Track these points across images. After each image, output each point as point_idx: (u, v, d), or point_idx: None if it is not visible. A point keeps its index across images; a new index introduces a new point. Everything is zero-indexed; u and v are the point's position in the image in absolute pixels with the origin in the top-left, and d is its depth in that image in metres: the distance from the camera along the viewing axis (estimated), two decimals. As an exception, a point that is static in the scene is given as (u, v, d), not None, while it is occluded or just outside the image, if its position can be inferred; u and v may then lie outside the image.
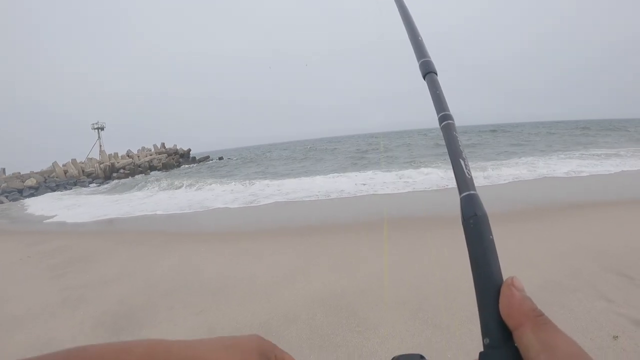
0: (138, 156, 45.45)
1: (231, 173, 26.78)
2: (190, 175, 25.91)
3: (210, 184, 18.00)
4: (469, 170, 0.44)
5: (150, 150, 49.58)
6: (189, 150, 54.16)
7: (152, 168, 41.74)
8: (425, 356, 0.46)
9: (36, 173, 33.73)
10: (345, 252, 5.56)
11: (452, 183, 0.59)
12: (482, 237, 0.38)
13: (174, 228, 9.25)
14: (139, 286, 5.05)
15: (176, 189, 18.59)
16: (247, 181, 17.77)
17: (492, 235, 0.38)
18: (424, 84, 0.55)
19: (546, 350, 0.30)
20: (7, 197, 24.65)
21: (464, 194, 0.42)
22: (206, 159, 52.37)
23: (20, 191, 26.82)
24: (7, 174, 32.73)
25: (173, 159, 47.23)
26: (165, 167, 43.01)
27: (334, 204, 10.46)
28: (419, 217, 7.49)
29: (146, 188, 20.82)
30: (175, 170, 38.75)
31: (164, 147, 51.13)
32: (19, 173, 33.11)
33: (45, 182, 30.90)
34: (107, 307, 4.48)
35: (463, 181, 0.43)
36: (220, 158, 51.99)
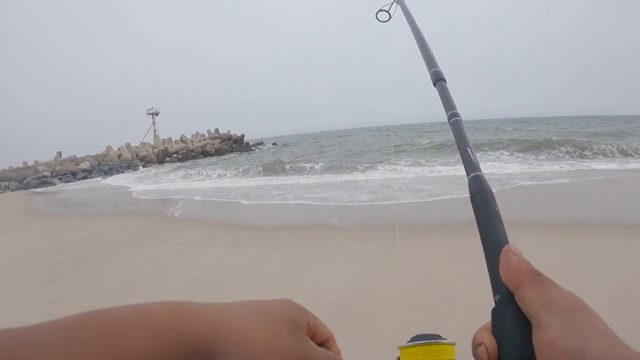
0: (192, 141, 46.00)
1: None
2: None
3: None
4: (475, 156, 0.52)
5: (204, 136, 50.09)
6: (243, 135, 54.10)
7: (205, 153, 41.97)
8: (442, 335, 0.46)
9: (91, 157, 34.92)
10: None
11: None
12: (488, 209, 0.44)
13: (222, 218, 7.86)
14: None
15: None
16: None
17: (497, 207, 0.44)
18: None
19: (545, 305, 0.33)
20: (60, 179, 25.36)
21: (472, 175, 0.49)
22: (260, 144, 52.08)
23: (74, 174, 27.65)
24: (62, 157, 34.17)
25: (226, 144, 47.28)
26: (218, 152, 43.07)
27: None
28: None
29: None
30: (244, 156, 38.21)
31: (218, 133, 51.44)
32: (75, 156, 34.46)
33: (99, 165, 31.82)
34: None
35: (470, 164, 0.51)
36: (274, 144, 51.41)
